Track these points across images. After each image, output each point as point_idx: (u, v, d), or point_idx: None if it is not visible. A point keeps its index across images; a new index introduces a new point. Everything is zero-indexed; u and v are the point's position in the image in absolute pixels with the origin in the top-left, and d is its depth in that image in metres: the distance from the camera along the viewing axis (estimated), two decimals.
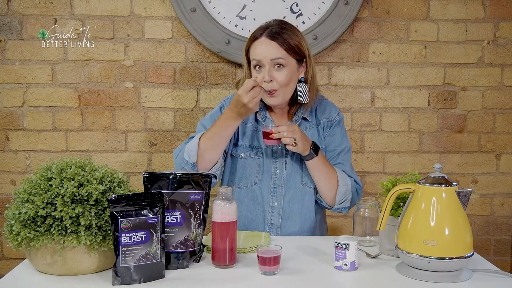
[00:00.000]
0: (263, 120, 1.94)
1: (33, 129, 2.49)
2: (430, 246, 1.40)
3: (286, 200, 1.90)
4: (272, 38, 1.81)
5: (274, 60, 1.80)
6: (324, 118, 1.96)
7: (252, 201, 1.91)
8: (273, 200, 1.90)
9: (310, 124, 1.95)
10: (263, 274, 1.45)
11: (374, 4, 2.48)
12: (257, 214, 1.91)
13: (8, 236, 1.41)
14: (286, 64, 1.82)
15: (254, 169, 1.92)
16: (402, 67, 2.52)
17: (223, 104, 1.97)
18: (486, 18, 2.50)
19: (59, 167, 1.43)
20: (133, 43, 2.47)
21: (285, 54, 1.81)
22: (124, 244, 1.35)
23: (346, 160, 1.95)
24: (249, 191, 1.92)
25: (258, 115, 1.94)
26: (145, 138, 2.52)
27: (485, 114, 2.55)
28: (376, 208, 1.74)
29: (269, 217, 1.90)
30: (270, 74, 1.81)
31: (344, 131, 1.99)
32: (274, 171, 1.91)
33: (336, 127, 1.96)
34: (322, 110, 1.98)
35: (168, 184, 1.48)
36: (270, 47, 1.81)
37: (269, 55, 1.80)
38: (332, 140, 1.95)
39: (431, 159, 2.56)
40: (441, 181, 1.44)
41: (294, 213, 1.90)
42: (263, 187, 1.91)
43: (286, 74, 1.82)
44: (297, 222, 1.90)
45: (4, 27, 2.44)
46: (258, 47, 1.83)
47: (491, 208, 2.60)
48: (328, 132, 1.96)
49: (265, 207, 1.90)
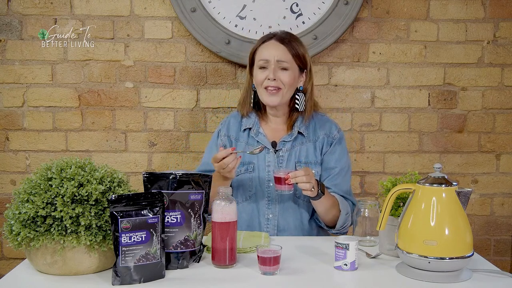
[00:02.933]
0: (256, 135, 1.97)
1: (33, 129, 2.49)
2: (430, 246, 1.40)
3: (280, 213, 1.92)
4: (282, 42, 1.91)
5: (280, 62, 1.88)
6: (323, 134, 1.97)
7: (249, 214, 1.94)
8: (268, 213, 1.93)
9: (306, 139, 1.96)
10: (263, 274, 1.45)
11: (374, 4, 2.48)
12: (254, 227, 1.94)
13: (8, 236, 1.41)
14: (290, 68, 1.90)
15: (247, 183, 1.94)
16: (402, 67, 2.52)
17: (220, 128, 2.05)
18: (486, 18, 2.50)
19: (59, 167, 1.44)
20: (133, 43, 2.47)
21: (290, 59, 1.90)
22: (124, 244, 1.35)
23: (345, 181, 1.97)
24: (245, 205, 1.95)
25: (252, 131, 1.98)
26: (145, 138, 2.52)
27: (485, 114, 2.55)
28: (376, 208, 1.74)
29: (265, 229, 1.92)
30: (275, 74, 1.87)
31: (345, 150, 1.99)
32: (267, 184, 1.93)
33: (337, 145, 1.97)
34: (321, 125, 1.99)
35: (168, 184, 1.48)
36: (279, 49, 1.90)
37: (276, 56, 1.88)
38: (331, 158, 1.96)
39: (431, 159, 2.56)
40: (441, 181, 1.44)
41: (289, 225, 1.92)
42: (258, 200, 1.94)
43: (290, 76, 1.90)
44: (292, 234, 1.92)
45: (4, 27, 2.44)
46: (267, 48, 1.91)
47: (491, 208, 2.60)
48: (329, 150, 1.96)
49: (261, 220, 1.93)
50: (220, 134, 2.03)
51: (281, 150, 1.94)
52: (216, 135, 2.04)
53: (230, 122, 2.04)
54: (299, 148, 1.95)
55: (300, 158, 1.94)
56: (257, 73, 1.92)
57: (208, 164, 1.94)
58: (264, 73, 1.89)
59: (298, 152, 1.94)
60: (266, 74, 1.88)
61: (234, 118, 2.05)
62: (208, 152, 2.04)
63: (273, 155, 1.94)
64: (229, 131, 2.01)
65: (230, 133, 2.01)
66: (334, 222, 1.90)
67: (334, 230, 1.93)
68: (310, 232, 1.95)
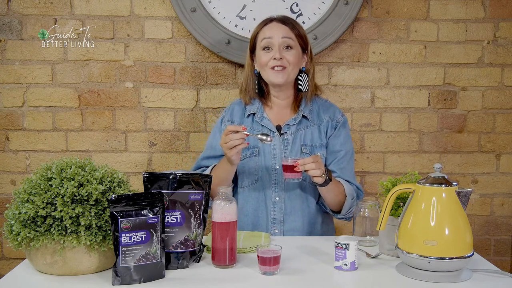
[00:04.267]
0: (260, 120, 1.96)
1: (33, 129, 2.49)
2: (430, 246, 1.40)
3: (287, 195, 1.92)
4: (284, 23, 1.93)
5: (284, 39, 1.90)
6: (327, 117, 1.98)
7: (256, 198, 1.95)
8: (274, 196, 1.93)
9: (310, 123, 1.96)
10: (263, 274, 1.45)
11: (374, 4, 2.48)
12: (261, 210, 1.94)
13: (8, 236, 1.41)
14: (295, 46, 1.92)
15: (252, 167, 1.94)
16: (402, 67, 2.52)
17: (223, 115, 2.04)
18: (486, 18, 2.50)
19: (59, 167, 1.44)
20: (133, 43, 2.47)
21: (294, 37, 1.92)
22: (124, 244, 1.35)
23: (350, 166, 1.97)
24: (252, 189, 1.95)
25: (256, 116, 1.97)
26: (145, 138, 2.52)
27: (485, 114, 2.55)
28: (376, 208, 1.74)
29: (272, 213, 1.92)
30: (280, 53, 1.89)
31: (348, 133, 2.01)
32: (273, 167, 1.93)
33: (341, 128, 1.98)
34: (325, 109, 2.00)
35: (168, 184, 1.48)
36: (282, 28, 1.92)
37: (280, 34, 1.90)
38: (336, 142, 1.96)
39: (431, 159, 2.56)
40: (441, 181, 1.44)
41: (295, 208, 1.92)
42: (264, 183, 1.94)
43: (295, 54, 1.91)
44: (299, 217, 1.92)
45: (4, 27, 2.44)
46: (270, 28, 1.93)
47: (491, 208, 2.60)
48: (334, 133, 1.97)
49: (268, 203, 1.93)
50: (224, 120, 2.01)
51: (286, 133, 1.94)
52: (220, 122, 2.03)
53: (234, 109, 2.03)
54: (304, 131, 1.95)
55: (305, 141, 1.94)
56: (260, 55, 1.92)
57: (213, 149, 1.95)
58: (269, 54, 1.90)
59: (303, 135, 1.95)
60: (271, 55, 1.89)
61: (237, 105, 2.04)
62: (212, 138, 2.02)
63: (279, 139, 1.94)
64: (233, 117, 2.00)
65: (234, 119, 2.00)
66: (339, 207, 1.90)
67: (340, 215, 1.93)
68: (316, 216, 1.95)
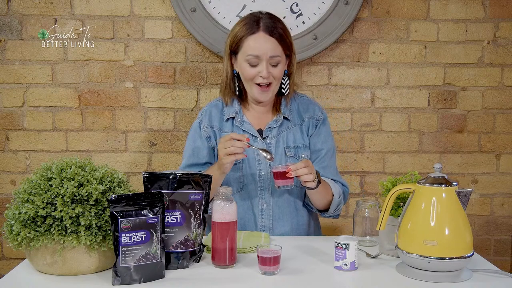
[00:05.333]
0: (241, 124, 1.91)
1: (33, 129, 2.49)
2: (430, 246, 1.40)
3: (274, 201, 1.90)
4: (271, 34, 1.82)
5: (272, 58, 1.82)
6: (308, 116, 1.95)
7: (242, 206, 1.90)
8: (262, 203, 1.90)
9: (291, 123, 1.94)
10: (263, 274, 1.45)
11: (374, 4, 2.48)
12: (249, 218, 1.90)
13: (8, 236, 1.41)
14: (281, 60, 1.86)
15: (237, 175, 1.90)
16: (402, 67, 2.52)
17: (201, 119, 1.96)
18: (486, 18, 2.50)
19: (59, 167, 1.44)
20: (133, 43, 2.47)
21: (281, 51, 1.84)
22: (124, 244, 1.35)
23: (332, 162, 1.96)
24: (237, 197, 1.90)
25: (236, 120, 1.92)
26: (145, 138, 2.52)
27: (485, 114, 2.55)
28: (376, 208, 1.74)
29: (261, 220, 1.89)
30: (267, 70, 1.82)
31: (329, 130, 1.98)
32: (259, 173, 1.90)
33: (321, 126, 1.96)
34: (305, 108, 1.97)
35: (168, 184, 1.48)
36: (269, 43, 1.82)
37: (268, 51, 1.81)
38: (317, 140, 1.94)
39: (431, 159, 2.56)
40: (441, 181, 1.44)
41: (284, 213, 1.90)
42: (250, 191, 1.90)
43: (281, 69, 1.86)
44: (287, 221, 1.90)
45: (4, 27, 2.44)
46: (256, 42, 1.82)
47: (491, 208, 2.60)
48: (314, 132, 1.95)
49: (255, 210, 1.90)
50: (202, 126, 1.93)
51: (268, 137, 1.91)
52: (198, 126, 1.95)
53: (212, 112, 1.95)
54: (286, 133, 1.92)
55: (288, 143, 1.91)
56: (245, 67, 1.84)
57: (196, 156, 1.90)
58: (255, 69, 1.82)
59: (285, 137, 1.92)
60: (257, 70, 1.82)
61: (215, 107, 1.96)
62: (192, 144, 1.94)
63: (261, 143, 1.90)
64: (212, 122, 1.93)
65: (213, 124, 1.93)
66: (327, 206, 1.88)
67: (327, 214, 1.92)
68: (303, 218, 1.93)
